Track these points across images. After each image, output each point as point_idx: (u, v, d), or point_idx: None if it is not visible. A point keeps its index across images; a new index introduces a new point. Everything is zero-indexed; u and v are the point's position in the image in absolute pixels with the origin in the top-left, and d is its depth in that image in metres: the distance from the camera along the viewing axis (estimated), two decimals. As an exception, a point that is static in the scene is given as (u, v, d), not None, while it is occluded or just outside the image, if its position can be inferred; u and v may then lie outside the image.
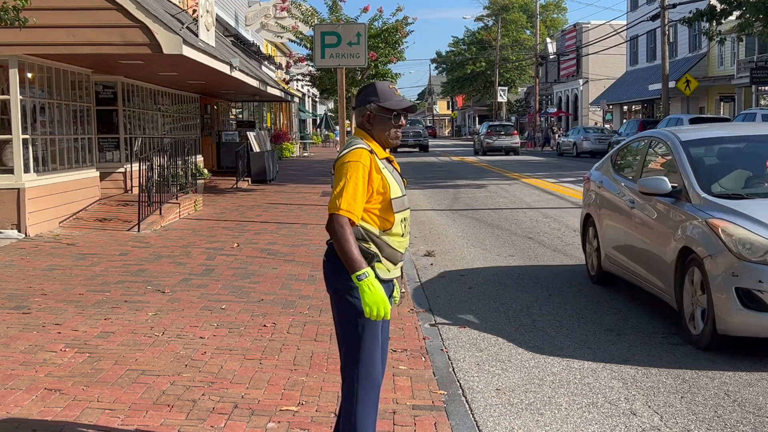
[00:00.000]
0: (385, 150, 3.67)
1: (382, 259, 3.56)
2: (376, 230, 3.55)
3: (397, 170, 3.70)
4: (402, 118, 3.65)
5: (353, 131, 3.73)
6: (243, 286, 8.19)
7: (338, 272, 3.54)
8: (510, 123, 51.67)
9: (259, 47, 31.62)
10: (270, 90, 23.50)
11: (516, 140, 43.84)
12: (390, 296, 3.69)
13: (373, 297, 3.38)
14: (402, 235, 3.64)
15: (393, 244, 3.59)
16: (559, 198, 17.71)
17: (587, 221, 8.80)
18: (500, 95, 67.70)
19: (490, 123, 48.34)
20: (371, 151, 3.54)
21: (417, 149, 48.38)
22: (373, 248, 3.54)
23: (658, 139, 7.71)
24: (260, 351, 5.89)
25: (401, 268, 3.78)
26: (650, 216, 7.04)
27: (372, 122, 3.63)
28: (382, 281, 3.57)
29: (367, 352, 3.58)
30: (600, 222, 8.29)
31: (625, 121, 46.47)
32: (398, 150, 44.14)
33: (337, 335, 3.70)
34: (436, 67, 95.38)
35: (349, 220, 3.45)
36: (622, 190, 7.83)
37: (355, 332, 3.57)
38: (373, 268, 3.52)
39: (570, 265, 9.53)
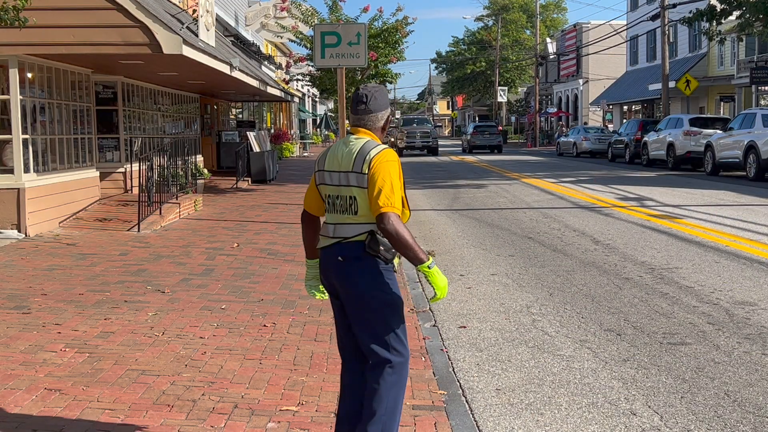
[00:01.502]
0: None
1: (397, 254, 3.65)
2: None
3: None
4: None
5: (357, 132, 3.71)
6: (243, 286, 8.19)
7: (374, 267, 3.59)
8: (493, 124, 54.38)
9: (259, 47, 31.62)
10: (270, 90, 23.50)
11: (499, 139, 47.11)
12: None
13: (444, 280, 3.55)
14: None
15: None
16: (559, 198, 17.71)
17: None
18: (500, 95, 67.77)
19: (476, 123, 52.31)
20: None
21: (425, 152, 42.83)
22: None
23: None
24: (260, 351, 5.89)
25: None
26: None
27: (388, 125, 3.81)
28: None
29: (403, 337, 3.69)
30: None
31: (625, 120, 46.47)
32: (403, 154, 41.06)
33: (361, 333, 3.68)
34: (436, 67, 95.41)
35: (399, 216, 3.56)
36: None
37: (398, 320, 3.67)
38: (393, 263, 3.65)
39: (570, 264, 9.53)
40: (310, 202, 3.84)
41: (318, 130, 63.06)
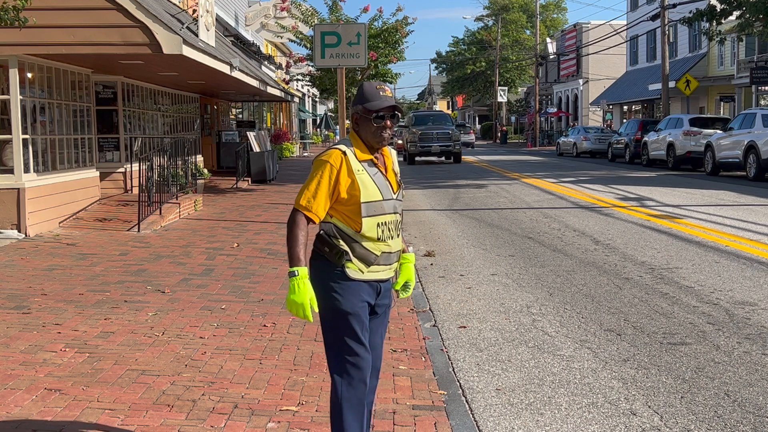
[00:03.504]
0: (373, 152, 3.62)
1: (352, 258, 3.54)
2: (349, 230, 3.55)
3: (383, 173, 3.61)
4: (386, 119, 3.57)
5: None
6: (243, 286, 8.19)
7: (318, 270, 3.55)
8: (468, 124, 65.82)
9: (259, 47, 31.62)
10: (270, 90, 23.50)
11: (472, 137, 57.11)
12: (376, 297, 3.65)
13: (296, 297, 3.39)
14: (378, 239, 3.56)
15: (366, 246, 3.55)
16: (559, 198, 17.71)
17: None
18: (500, 95, 67.83)
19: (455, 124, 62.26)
20: (345, 153, 3.53)
21: (443, 158, 34.13)
22: (344, 246, 3.53)
23: None
24: (260, 351, 5.89)
25: (395, 270, 3.73)
26: None
27: (359, 123, 3.63)
28: (361, 281, 3.55)
29: (347, 350, 3.57)
30: None
31: (625, 121, 46.48)
32: (415, 161, 33.90)
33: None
34: (436, 67, 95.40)
35: (306, 216, 3.51)
36: None
37: (334, 330, 3.57)
38: (344, 266, 3.52)
39: (570, 264, 9.53)
40: None
41: (318, 130, 63.05)
